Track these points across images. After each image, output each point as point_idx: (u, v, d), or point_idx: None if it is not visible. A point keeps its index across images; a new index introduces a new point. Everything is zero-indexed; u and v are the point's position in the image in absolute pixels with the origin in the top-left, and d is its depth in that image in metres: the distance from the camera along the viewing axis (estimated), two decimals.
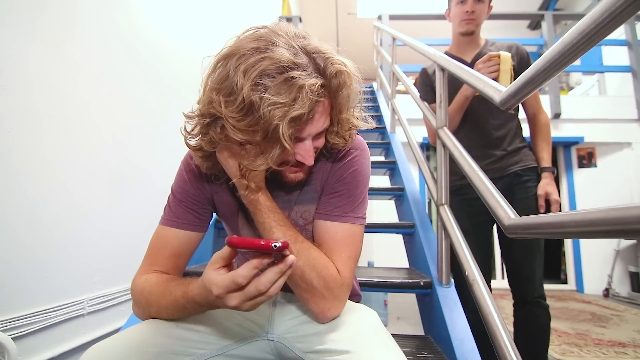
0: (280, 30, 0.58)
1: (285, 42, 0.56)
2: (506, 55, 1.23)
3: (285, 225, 0.64)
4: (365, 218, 0.71)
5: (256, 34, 0.57)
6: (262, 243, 0.45)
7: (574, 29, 0.48)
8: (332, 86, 0.58)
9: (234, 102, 0.53)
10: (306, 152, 0.62)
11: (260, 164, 0.58)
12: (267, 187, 0.67)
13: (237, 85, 0.53)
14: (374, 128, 2.89)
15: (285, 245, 0.45)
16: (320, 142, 0.66)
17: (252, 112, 0.53)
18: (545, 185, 1.35)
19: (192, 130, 0.64)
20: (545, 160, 1.39)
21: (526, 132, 1.49)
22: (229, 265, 0.51)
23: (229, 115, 0.54)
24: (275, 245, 0.44)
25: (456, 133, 1.41)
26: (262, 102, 0.51)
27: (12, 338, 0.94)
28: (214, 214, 0.81)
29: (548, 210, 1.35)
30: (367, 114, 0.75)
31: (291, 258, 0.48)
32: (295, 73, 0.53)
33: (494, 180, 0.88)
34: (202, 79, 0.61)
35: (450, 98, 1.38)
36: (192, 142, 0.66)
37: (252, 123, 0.53)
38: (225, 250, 0.49)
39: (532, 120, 1.44)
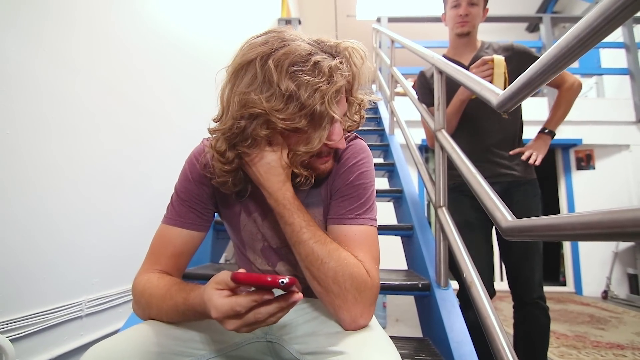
0: (281, 30, 0.62)
1: (295, 37, 0.60)
2: (499, 59, 1.23)
3: (314, 225, 0.63)
4: (377, 220, 0.71)
5: (263, 39, 0.61)
6: (269, 279, 0.43)
7: (570, 33, 0.49)
8: (349, 66, 0.62)
9: (273, 95, 0.56)
10: (338, 135, 0.64)
11: (313, 145, 0.60)
12: None
13: (272, 79, 0.56)
14: (373, 130, 2.90)
15: (292, 282, 0.44)
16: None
17: (293, 100, 0.56)
18: (531, 143, 1.39)
19: (216, 143, 0.63)
20: (548, 122, 1.41)
21: (527, 134, 1.49)
22: (233, 289, 0.50)
23: (273, 108, 0.56)
24: (282, 282, 0.43)
25: (455, 137, 1.42)
26: (301, 87, 0.55)
27: (10, 340, 0.93)
28: (215, 215, 0.81)
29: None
30: (367, 92, 0.75)
31: (297, 296, 0.47)
32: (317, 57, 0.57)
33: (492, 184, 0.88)
34: (218, 93, 0.63)
35: (448, 101, 1.38)
36: (223, 160, 0.63)
37: (295, 109, 0.57)
38: (230, 282, 0.48)
39: (558, 89, 1.45)
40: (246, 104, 0.57)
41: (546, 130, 1.40)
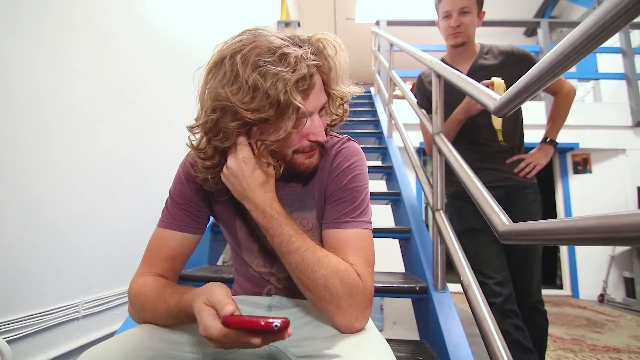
0: (259, 28, 0.63)
1: (268, 33, 0.61)
2: (499, 82, 1.22)
3: (302, 233, 0.62)
4: (371, 223, 0.70)
5: (238, 38, 0.62)
6: (262, 323, 0.43)
7: (566, 40, 0.49)
8: (322, 57, 0.62)
9: (240, 89, 0.57)
10: (317, 128, 0.64)
11: (279, 134, 0.60)
12: None
13: (238, 73, 0.57)
14: (371, 132, 2.91)
15: (285, 325, 0.44)
16: (324, 121, 0.68)
17: (258, 90, 0.57)
18: (532, 152, 1.39)
19: (200, 141, 0.65)
20: (548, 132, 1.40)
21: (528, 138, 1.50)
22: None
23: (240, 101, 0.57)
24: (276, 326, 0.43)
25: (455, 144, 1.41)
26: (266, 78, 0.56)
27: (7, 341, 0.93)
28: (211, 217, 0.81)
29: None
30: (351, 83, 0.74)
31: (285, 335, 0.47)
32: (286, 49, 0.58)
33: (493, 188, 0.88)
34: (197, 92, 0.64)
35: (447, 105, 1.38)
36: (203, 156, 0.65)
37: (262, 100, 0.57)
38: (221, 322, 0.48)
39: (554, 97, 1.45)
40: (216, 98, 0.59)
41: (548, 140, 1.39)
